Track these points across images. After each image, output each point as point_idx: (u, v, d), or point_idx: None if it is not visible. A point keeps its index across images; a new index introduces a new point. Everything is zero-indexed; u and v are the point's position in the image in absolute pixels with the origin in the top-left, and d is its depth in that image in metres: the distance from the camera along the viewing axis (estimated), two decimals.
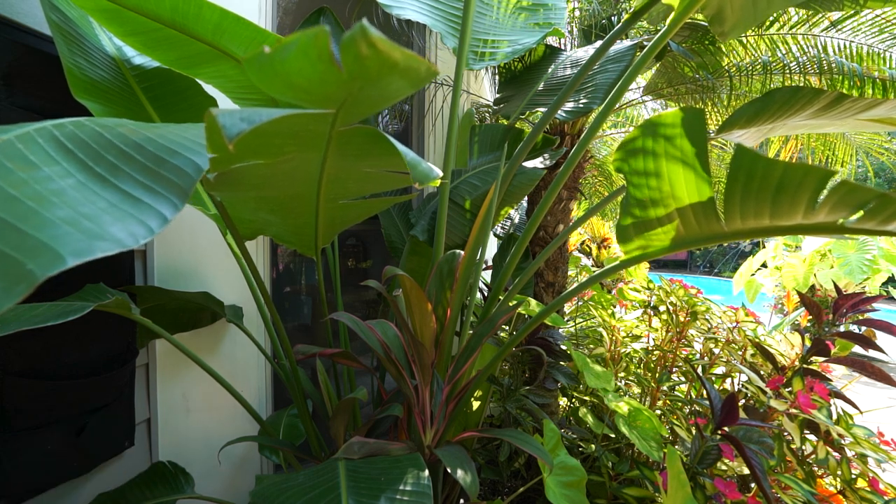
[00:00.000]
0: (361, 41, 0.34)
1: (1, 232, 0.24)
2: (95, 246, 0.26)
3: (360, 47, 0.34)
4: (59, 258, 0.24)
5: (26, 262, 0.23)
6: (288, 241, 0.97)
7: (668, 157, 0.62)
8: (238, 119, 0.35)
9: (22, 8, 0.85)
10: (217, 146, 0.35)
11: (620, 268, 0.80)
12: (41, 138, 0.32)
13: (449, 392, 0.98)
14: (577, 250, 4.77)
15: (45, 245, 0.25)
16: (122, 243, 0.28)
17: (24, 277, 0.23)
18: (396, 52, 0.35)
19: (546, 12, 1.32)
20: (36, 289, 0.23)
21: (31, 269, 0.23)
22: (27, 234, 0.25)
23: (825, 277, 4.40)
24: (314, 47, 0.35)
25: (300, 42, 0.35)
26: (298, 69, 0.38)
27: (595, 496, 1.31)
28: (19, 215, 0.26)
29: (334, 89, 0.41)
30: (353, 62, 0.36)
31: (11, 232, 0.24)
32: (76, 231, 0.26)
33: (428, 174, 0.55)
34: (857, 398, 1.36)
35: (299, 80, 0.39)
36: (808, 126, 1.00)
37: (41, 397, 0.87)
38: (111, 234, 0.28)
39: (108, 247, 0.27)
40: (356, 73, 0.38)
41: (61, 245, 0.25)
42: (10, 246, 0.24)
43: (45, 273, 0.23)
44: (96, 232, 0.27)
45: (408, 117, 2.32)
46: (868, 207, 0.43)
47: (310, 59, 0.36)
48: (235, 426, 1.34)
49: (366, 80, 0.39)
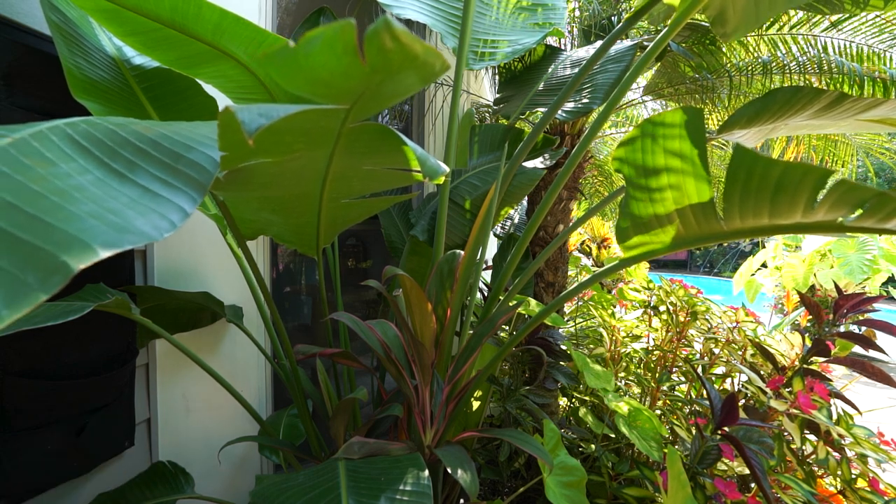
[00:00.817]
0: (385, 34, 0.34)
1: (31, 226, 0.25)
2: (124, 238, 0.27)
3: (385, 40, 0.35)
4: (90, 250, 0.25)
5: (59, 254, 0.24)
6: (289, 240, 0.97)
7: (668, 157, 0.62)
8: (256, 114, 0.35)
9: (22, 8, 0.85)
10: (231, 143, 0.35)
11: (620, 267, 0.80)
12: (55, 136, 0.32)
13: (449, 392, 0.98)
14: (577, 250, 4.77)
15: (74, 238, 0.25)
16: (148, 236, 0.28)
17: (60, 268, 0.23)
18: (418, 45, 0.36)
19: (546, 12, 1.32)
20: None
21: (64, 260, 0.24)
22: (56, 228, 0.25)
23: (825, 277, 4.40)
24: (340, 40, 0.35)
25: (326, 35, 0.35)
26: (323, 62, 0.38)
27: (595, 496, 1.31)
28: (45, 209, 0.26)
29: (356, 83, 0.41)
30: (377, 55, 0.36)
31: (40, 225, 0.25)
32: (103, 224, 0.27)
33: (437, 170, 0.55)
34: (857, 398, 1.36)
35: (323, 73, 0.39)
36: (809, 126, 1.00)
37: (41, 397, 0.87)
38: (137, 228, 0.28)
39: (135, 239, 0.27)
40: (378, 65, 0.38)
41: (91, 237, 0.25)
42: (41, 239, 0.24)
43: (78, 264, 0.24)
44: (122, 225, 0.28)
45: (408, 117, 2.32)
46: (866, 206, 0.43)
47: (335, 52, 0.36)
48: (235, 426, 1.34)
49: (387, 73, 0.39)
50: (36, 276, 0.23)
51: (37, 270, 0.23)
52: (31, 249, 0.23)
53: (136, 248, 0.90)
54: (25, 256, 0.23)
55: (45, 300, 0.22)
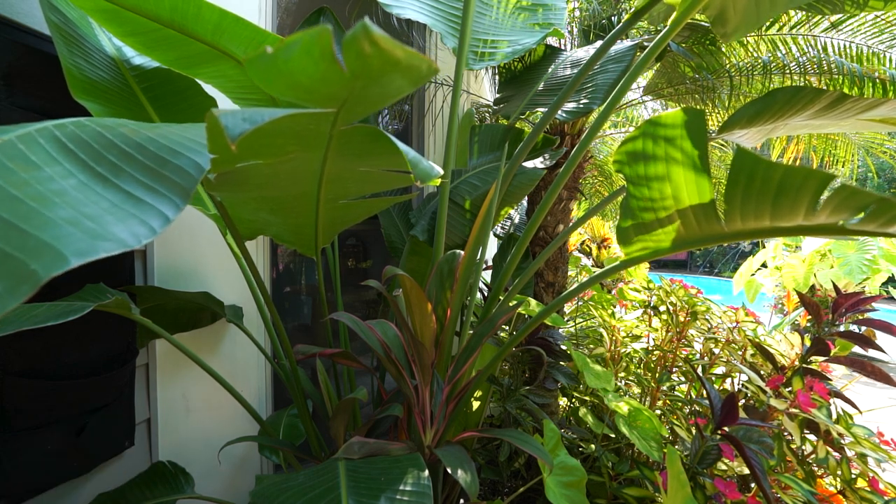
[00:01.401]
0: (364, 39, 0.34)
1: (3, 232, 0.24)
2: (98, 246, 0.26)
3: (363, 45, 0.34)
4: (62, 258, 0.24)
5: (30, 262, 0.24)
6: (288, 240, 0.97)
7: (669, 158, 0.62)
8: (240, 119, 0.35)
9: (22, 8, 0.85)
10: (219, 147, 0.35)
11: (621, 268, 0.80)
12: (42, 139, 0.32)
13: (449, 392, 0.98)
14: (577, 250, 4.77)
15: (47, 245, 0.25)
16: (124, 243, 0.28)
17: (28, 277, 0.23)
18: (398, 50, 0.35)
19: (546, 12, 1.32)
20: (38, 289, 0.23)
21: (34, 269, 0.23)
22: (30, 235, 0.25)
23: (825, 277, 4.40)
24: (317, 46, 0.35)
25: (303, 41, 0.35)
26: (301, 68, 0.38)
27: (595, 496, 1.31)
28: (21, 215, 0.26)
29: (337, 88, 0.41)
30: (356, 60, 0.36)
31: (14, 232, 0.25)
32: (79, 231, 0.26)
33: (429, 172, 0.55)
34: (857, 398, 1.36)
35: (302, 79, 0.39)
36: (810, 126, 1.00)
37: (41, 397, 0.87)
38: (114, 235, 0.28)
39: (110, 247, 0.27)
40: (358, 71, 0.38)
41: (64, 245, 0.25)
42: (13, 246, 0.24)
43: (48, 273, 0.23)
44: (99, 232, 0.27)
45: (408, 117, 2.31)
46: (868, 210, 0.43)
47: (312, 57, 0.36)
48: (235, 426, 1.34)
49: (368, 78, 0.39)
50: (4, 284, 0.22)
51: (5, 278, 0.22)
52: (1, 257, 0.23)
53: (135, 248, 0.90)
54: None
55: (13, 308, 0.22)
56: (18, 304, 0.22)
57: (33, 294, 0.23)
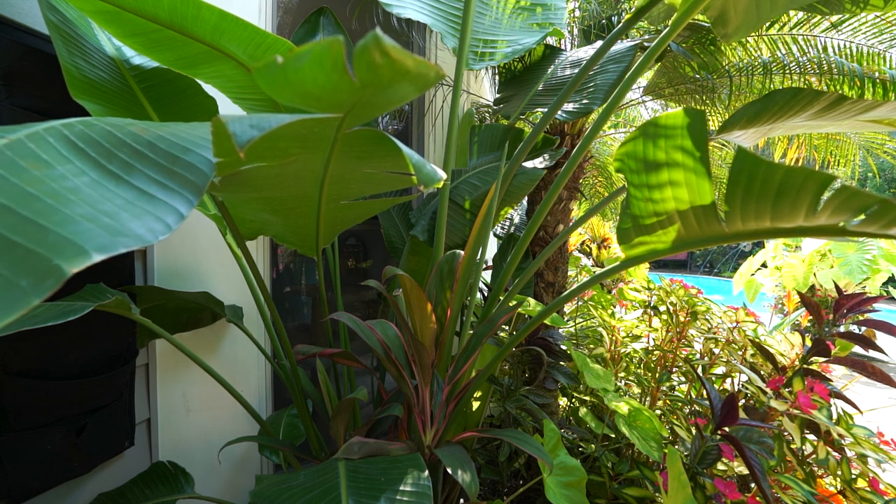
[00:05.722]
0: (375, 50, 0.34)
1: (24, 229, 0.24)
2: (118, 241, 0.26)
3: (374, 56, 0.34)
4: (84, 253, 0.25)
5: (52, 257, 0.24)
6: (289, 241, 0.97)
7: (670, 159, 0.62)
8: (248, 126, 0.35)
9: (22, 8, 0.85)
10: (225, 151, 0.35)
11: (621, 268, 0.80)
12: (51, 137, 0.32)
13: (449, 392, 0.98)
14: (577, 250, 4.77)
15: (68, 241, 0.25)
16: (142, 239, 0.28)
17: (52, 272, 0.23)
18: (409, 59, 0.35)
19: (545, 12, 1.32)
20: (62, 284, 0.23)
21: (57, 263, 0.23)
22: (49, 230, 0.25)
23: (825, 277, 4.40)
24: (328, 57, 0.35)
25: (314, 52, 0.35)
26: (312, 78, 0.38)
27: (595, 496, 1.31)
28: (39, 212, 0.26)
29: (346, 97, 0.41)
30: (367, 71, 0.36)
31: (34, 228, 0.25)
32: (97, 227, 0.27)
33: (433, 177, 0.55)
34: (857, 398, 1.36)
35: (312, 88, 0.39)
36: (808, 127, 1.00)
37: (41, 397, 0.87)
38: (131, 231, 0.28)
39: (129, 242, 0.27)
40: (368, 80, 0.38)
41: (85, 241, 0.25)
42: (35, 242, 0.24)
43: (71, 268, 0.24)
44: (117, 228, 0.27)
45: (408, 117, 2.31)
46: (869, 212, 0.43)
47: (324, 68, 0.36)
48: (235, 426, 1.34)
49: (377, 87, 0.39)
50: (29, 279, 0.22)
51: (30, 274, 0.23)
52: (24, 253, 0.23)
53: (135, 249, 0.90)
54: (19, 260, 0.23)
55: (39, 303, 0.22)
56: (43, 298, 0.22)
57: (58, 289, 0.23)
